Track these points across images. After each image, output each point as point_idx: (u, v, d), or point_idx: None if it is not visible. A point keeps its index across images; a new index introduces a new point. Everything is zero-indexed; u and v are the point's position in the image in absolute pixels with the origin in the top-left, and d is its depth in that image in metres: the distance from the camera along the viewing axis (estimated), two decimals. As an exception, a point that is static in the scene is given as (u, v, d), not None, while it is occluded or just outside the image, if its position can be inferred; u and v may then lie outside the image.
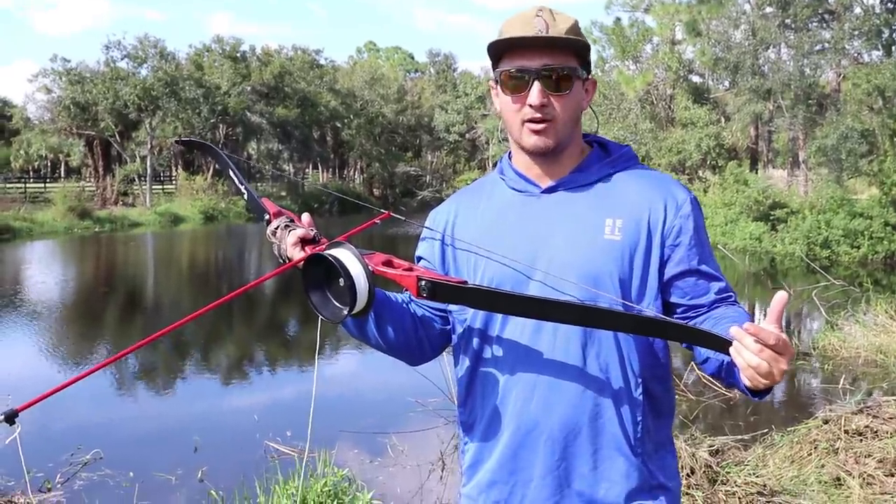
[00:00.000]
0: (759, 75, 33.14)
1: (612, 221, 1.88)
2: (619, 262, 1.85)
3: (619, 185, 1.93)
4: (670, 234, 1.88)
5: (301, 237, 1.93)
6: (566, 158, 1.95)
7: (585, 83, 1.95)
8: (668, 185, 1.94)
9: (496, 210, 2.00)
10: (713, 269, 1.91)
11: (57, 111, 47.70)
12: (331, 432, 7.39)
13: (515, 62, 1.88)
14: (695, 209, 1.92)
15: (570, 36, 1.86)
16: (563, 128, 1.90)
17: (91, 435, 7.77)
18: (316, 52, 63.56)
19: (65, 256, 27.88)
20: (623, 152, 2.00)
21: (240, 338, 13.49)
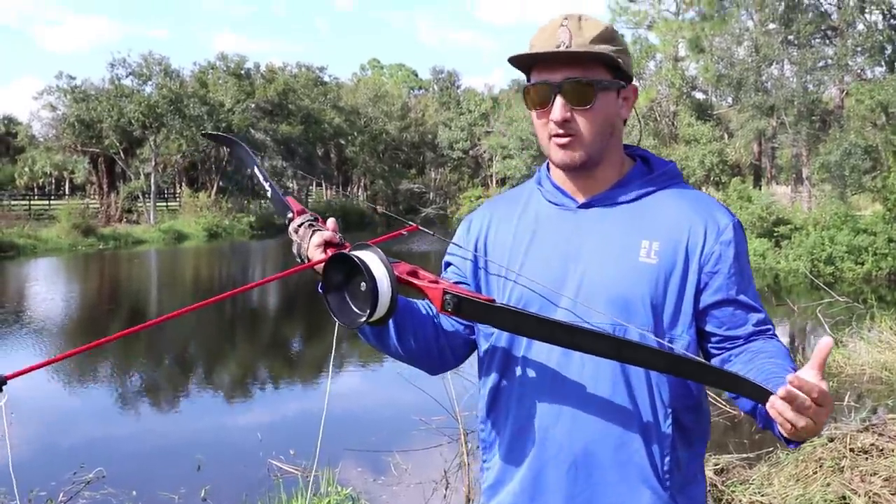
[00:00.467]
0: (762, 92, 33.22)
1: (649, 243, 1.81)
2: (653, 287, 1.78)
3: (658, 205, 1.86)
4: (709, 260, 1.80)
5: (327, 240, 1.89)
6: (603, 173, 1.89)
7: (622, 92, 1.86)
8: (710, 208, 1.86)
9: (531, 222, 1.94)
10: (752, 300, 1.84)
11: (62, 128, 47.84)
12: (334, 451, 7.37)
13: (540, 75, 1.83)
14: (737, 235, 1.84)
15: (591, 48, 1.78)
16: (590, 142, 1.82)
17: (94, 453, 7.76)
18: (320, 70, 63.77)
19: (69, 274, 27.90)
20: (666, 169, 1.93)
21: (243, 355, 13.47)
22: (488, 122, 68.66)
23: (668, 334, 1.78)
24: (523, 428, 1.86)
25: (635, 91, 1.91)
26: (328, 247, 1.89)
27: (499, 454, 1.93)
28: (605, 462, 1.78)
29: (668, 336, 1.78)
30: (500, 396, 1.92)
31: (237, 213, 49.81)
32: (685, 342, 1.79)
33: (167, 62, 49.45)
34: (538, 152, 49.49)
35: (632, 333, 1.75)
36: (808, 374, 1.48)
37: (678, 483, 1.81)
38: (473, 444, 6.35)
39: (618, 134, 1.89)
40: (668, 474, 1.79)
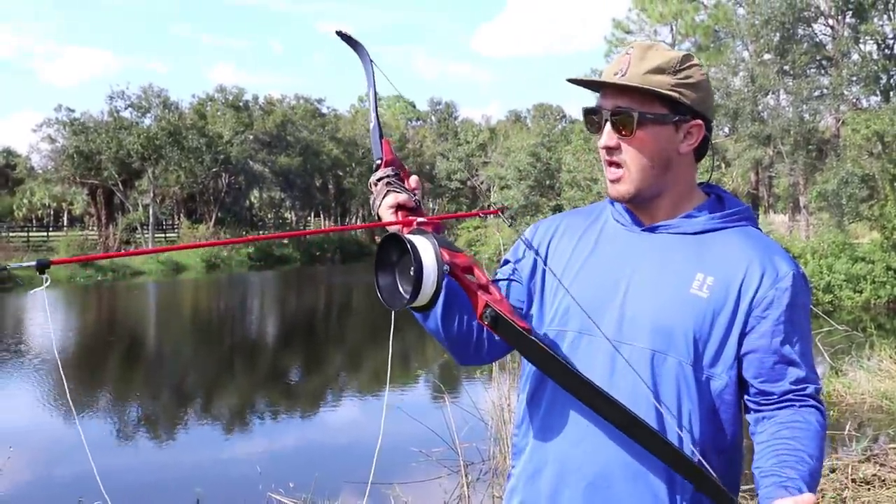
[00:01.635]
0: (758, 121, 33.33)
1: (703, 277, 1.77)
2: (699, 321, 1.74)
3: (721, 242, 1.82)
4: (760, 304, 1.75)
5: (401, 203, 1.86)
6: (665, 203, 1.87)
7: (682, 126, 1.81)
8: (772, 253, 1.80)
9: (596, 237, 1.93)
10: (796, 354, 1.76)
11: (60, 160, 47.96)
12: (335, 483, 7.34)
13: (600, 101, 1.84)
14: (797, 283, 1.77)
15: (642, 79, 1.76)
16: (638, 176, 1.81)
17: (93, 485, 7.68)
18: (318, 101, 64.07)
19: (67, 305, 27.86)
20: (739, 209, 1.88)
21: (242, 387, 13.44)
22: (486, 152, 68.84)
23: (706, 371, 1.75)
24: (547, 441, 1.85)
25: (700, 127, 1.85)
26: (400, 210, 1.86)
27: (523, 462, 1.93)
28: (621, 490, 1.75)
29: (706, 373, 1.75)
30: (533, 405, 1.91)
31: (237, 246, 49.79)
32: (723, 382, 1.76)
33: (166, 94, 49.72)
34: (535, 182, 49.62)
35: (670, 363, 1.74)
36: None
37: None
38: (473, 477, 6.33)
39: (678, 169, 1.86)
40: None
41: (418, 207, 1.88)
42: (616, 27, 39.37)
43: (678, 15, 37.22)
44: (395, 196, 1.86)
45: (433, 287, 1.64)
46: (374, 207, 1.90)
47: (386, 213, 1.87)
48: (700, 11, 37.09)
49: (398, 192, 1.88)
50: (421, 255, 1.63)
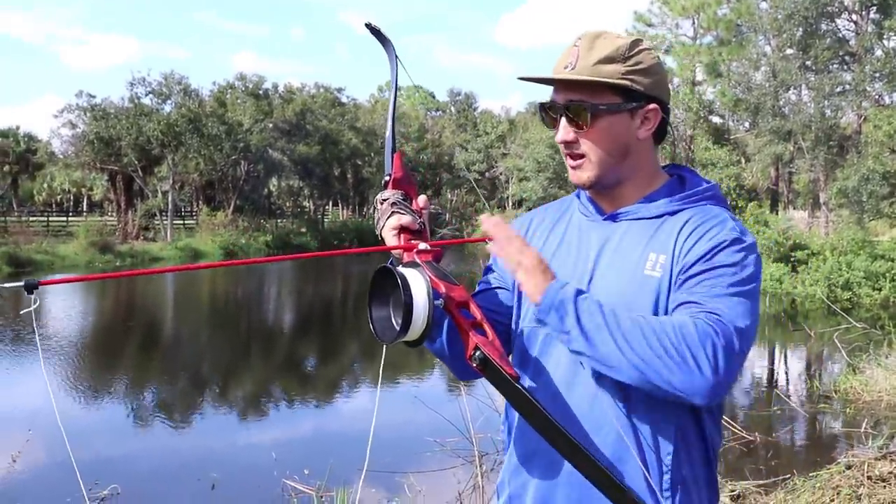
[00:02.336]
0: (779, 116, 33.17)
1: (655, 256, 1.76)
2: (656, 300, 1.73)
3: (677, 222, 1.79)
4: (686, 269, 1.71)
5: (403, 225, 1.84)
6: (628, 191, 1.87)
7: (637, 113, 1.82)
8: (717, 223, 1.76)
9: (563, 230, 1.95)
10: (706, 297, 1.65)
11: (81, 146, 48.10)
12: (349, 471, 7.36)
13: (552, 95, 1.84)
14: (731, 245, 1.70)
15: (593, 70, 1.76)
16: (599, 163, 1.81)
17: (109, 470, 7.77)
18: (338, 90, 64.04)
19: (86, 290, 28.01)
20: (698, 189, 1.86)
21: (258, 374, 13.49)
22: (505, 144, 68.71)
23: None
24: (524, 436, 1.86)
25: (657, 111, 1.84)
26: (403, 232, 1.85)
27: (506, 458, 1.96)
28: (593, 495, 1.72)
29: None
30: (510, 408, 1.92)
31: (254, 231, 49.94)
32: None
33: (186, 82, 49.77)
34: (554, 174, 49.53)
35: None
36: None
37: (680, 501, 1.74)
38: (488, 467, 6.34)
39: (637, 155, 1.85)
40: (668, 492, 1.73)
41: (423, 230, 1.86)
42: (637, 20, 39.25)
43: (700, 8, 37.04)
44: (398, 218, 1.85)
45: (423, 324, 1.64)
46: (378, 228, 1.89)
47: (388, 236, 1.86)
48: (722, 5, 36.91)
49: (402, 213, 1.86)
50: (412, 291, 1.63)
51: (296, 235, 52.97)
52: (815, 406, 10.60)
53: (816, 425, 9.94)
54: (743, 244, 1.72)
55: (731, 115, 39.13)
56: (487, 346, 1.62)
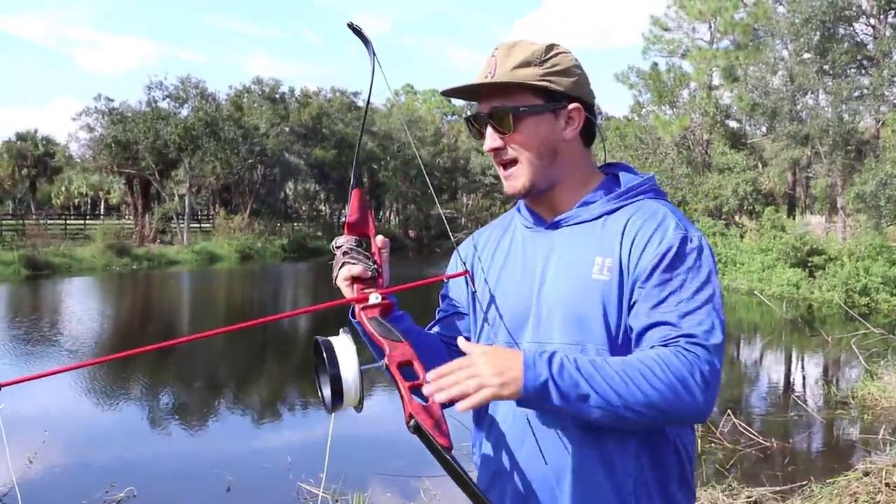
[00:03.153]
0: (796, 121, 33.04)
1: (602, 260, 1.76)
2: (605, 304, 1.73)
3: (618, 221, 1.80)
4: (641, 275, 1.72)
5: (355, 276, 1.81)
6: (564, 194, 1.88)
7: (560, 113, 1.84)
8: (661, 221, 1.77)
9: (508, 245, 1.96)
10: (675, 317, 1.66)
11: (98, 149, 48.37)
12: (364, 474, 7.37)
13: (479, 105, 1.88)
14: (681, 248, 1.71)
15: (511, 75, 1.80)
16: (530, 167, 1.83)
17: (125, 472, 7.80)
18: (354, 94, 64.18)
19: (103, 293, 28.14)
20: (633, 185, 1.87)
21: (274, 377, 13.51)
22: (521, 148, 68.67)
23: (622, 353, 1.72)
24: (495, 446, 1.88)
25: (579, 110, 1.85)
26: (356, 282, 1.82)
27: (479, 467, 1.98)
28: (565, 486, 1.76)
29: (622, 354, 1.71)
30: (481, 414, 1.95)
31: (269, 235, 50.09)
32: None
33: (203, 85, 50.00)
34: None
35: (589, 351, 1.73)
36: None
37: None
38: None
39: (566, 156, 1.87)
40: (631, 495, 1.74)
41: (377, 276, 1.83)
42: (654, 24, 39.09)
43: (717, 12, 36.89)
44: (348, 268, 1.82)
45: (357, 393, 1.63)
46: (333, 277, 1.86)
47: (342, 286, 1.84)
48: (739, 9, 36.75)
49: (353, 263, 1.82)
50: (340, 366, 1.63)
51: (311, 239, 53.08)
52: (833, 412, 10.54)
53: (833, 431, 9.88)
54: (691, 243, 1.74)
55: (747, 120, 38.93)
56: (421, 414, 1.60)
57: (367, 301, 1.77)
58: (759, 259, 28.48)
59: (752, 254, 29.10)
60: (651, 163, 36.70)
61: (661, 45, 39.04)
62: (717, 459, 7.96)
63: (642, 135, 38.27)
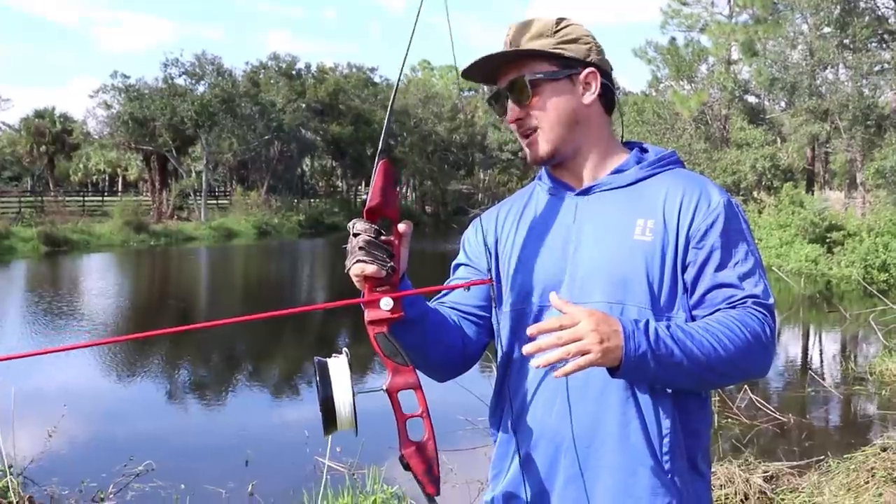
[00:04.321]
0: (816, 96, 32.79)
1: (644, 222, 1.80)
2: (649, 265, 1.77)
3: (654, 186, 1.85)
4: (696, 235, 1.78)
5: (368, 275, 1.67)
6: (588, 159, 1.90)
7: (576, 78, 1.86)
8: (703, 185, 1.84)
9: (534, 213, 1.95)
10: (735, 277, 1.76)
11: (116, 126, 48.52)
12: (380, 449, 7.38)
13: (497, 84, 1.91)
14: (728, 210, 1.80)
15: (516, 48, 1.85)
16: (552, 133, 1.86)
17: (143, 446, 7.84)
18: (371, 70, 64.08)
19: (121, 269, 28.28)
20: (664, 155, 1.92)
21: (290, 352, 13.56)
22: (538, 123, 68.45)
23: (665, 313, 1.77)
24: (522, 413, 1.86)
25: (595, 74, 1.87)
26: (368, 282, 1.68)
27: (502, 439, 1.95)
28: (601, 445, 1.77)
29: (665, 315, 1.76)
30: (505, 382, 1.92)
31: (286, 211, 50.18)
32: (682, 320, 1.76)
33: (220, 62, 49.99)
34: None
35: (629, 312, 1.74)
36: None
37: (680, 468, 1.78)
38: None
39: (587, 122, 1.89)
40: (667, 455, 1.76)
41: (392, 274, 1.68)
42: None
43: (736, -14, 36.56)
44: (361, 267, 1.66)
45: (350, 417, 1.61)
46: (346, 266, 1.71)
47: (353, 279, 1.72)
48: (759, -17, 36.39)
49: (366, 261, 1.66)
50: (333, 392, 1.61)
51: (328, 215, 53.15)
52: (850, 388, 10.50)
53: (851, 407, 9.85)
54: (733, 204, 1.84)
55: (766, 95, 38.62)
56: (413, 458, 1.61)
57: (377, 304, 1.67)
58: (777, 235, 28.35)
59: (771, 229, 28.95)
60: (669, 138, 36.52)
61: (679, 20, 38.78)
62: (733, 434, 7.95)
63: (660, 110, 38.05)
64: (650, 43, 39.29)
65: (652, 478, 1.75)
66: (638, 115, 38.97)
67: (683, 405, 1.79)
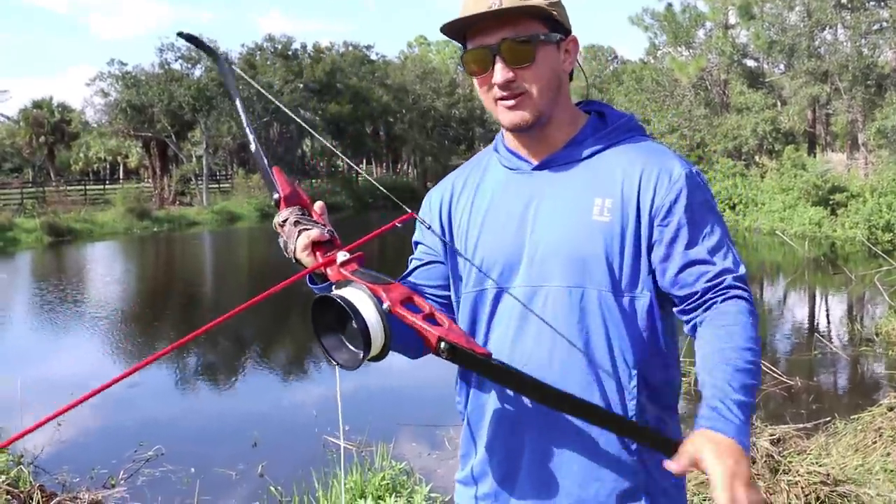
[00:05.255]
0: (815, 57, 32.64)
1: (602, 201, 1.75)
2: (608, 245, 1.72)
3: (611, 161, 1.79)
4: (659, 212, 1.73)
5: (314, 240, 1.78)
6: (554, 131, 1.82)
7: (562, 45, 1.79)
8: (663, 158, 1.78)
9: (489, 189, 1.89)
10: (706, 252, 1.71)
11: (114, 114, 48.39)
12: (388, 425, 7.42)
13: (476, 40, 1.77)
14: (691, 183, 1.74)
15: (522, 2, 1.70)
16: (539, 99, 1.76)
17: (153, 431, 7.88)
18: (367, 48, 63.82)
19: (126, 256, 28.32)
20: (621, 123, 1.85)
21: (297, 333, 13.58)
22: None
23: (627, 294, 1.74)
24: (486, 396, 1.85)
25: (575, 43, 1.83)
26: (317, 248, 1.78)
27: (468, 423, 1.93)
28: (565, 427, 1.74)
29: (627, 296, 1.74)
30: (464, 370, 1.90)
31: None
32: (646, 301, 1.74)
33: (215, 45, 49.76)
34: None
35: (589, 295, 1.72)
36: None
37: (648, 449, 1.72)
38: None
39: (565, 89, 1.83)
40: None
41: (333, 237, 1.80)
42: (668, -37, 38.53)
43: (732, -51, 36.33)
44: (306, 235, 1.78)
45: (382, 339, 1.58)
46: (290, 252, 1.82)
47: (303, 257, 1.79)
48: (754, -55, 36.15)
49: (308, 228, 1.79)
50: (361, 312, 1.56)
51: (330, 195, 53.10)
52: (857, 349, 10.50)
53: (858, 368, 9.86)
54: (698, 177, 1.78)
55: (765, 58, 38.43)
56: (450, 336, 1.59)
57: (335, 262, 1.72)
58: (780, 198, 28.30)
59: (773, 193, 28.91)
60: (668, 105, 36.41)
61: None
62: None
63: (659, 77, 37.88)
64: (647, 10, 39.13)
65: (617, 460, 1.74)
66: (637, 83, 38.84)
67: (650, 381, 1.76)
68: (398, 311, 1.63)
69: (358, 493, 5.21)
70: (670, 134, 34.64)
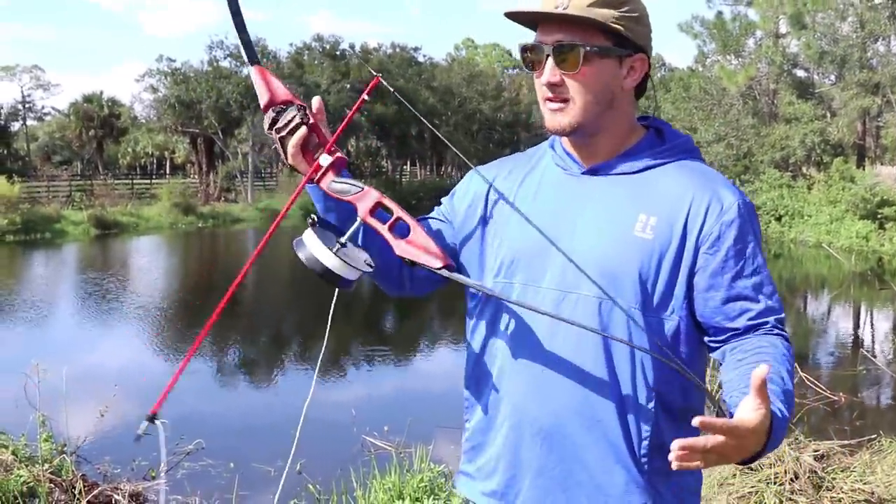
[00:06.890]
0: (867, 69, 32.23)
1: (646, 218, 1.72)
2: (645, 263, 1.70)
3: (662, 179, 1.76)
4: (707, 240, 1.70)
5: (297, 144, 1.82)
6: (606, 142, 1.80)
7: (626, 61, 1.75)
8: (716, 184, 1.75)
9: (536, 183, 1.88)
10: (751, 289, 1.69)
11: (162, 109, 48.91)
12: (427, 428, 7.42)
13: (539, 36, 1.76)
14: (742, 215, 1.71)
15: (586, 11, 1.68)
16: (583, 110, 1.74)
17: (194, 426, 7.95)
18: (414, 50, 63.94)
19: (170, 250, 28.61)
20: (678, 142, 1.83)
21: (338, 332, 13.63)
22: (583, 101, 67.95)
23: (655, 314, 1.71)
24: (501, 392, 1.82)
25: (644, 62, 1.79)
26: (304, 151, 1.83)
27: (479, 416, 1.90)
28: (577, 438, 1.72)
29: (656, 316, 1.71)
30: (485, 355, 1.87)
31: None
32: (673, 324, 1.72)
33: (264, 43, 50.13)
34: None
35: (619, 309, 1.70)
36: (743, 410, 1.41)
37: (659, 468, 1.71)
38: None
39: (620, 105, 1.79)
40: (645, 457, 1.71)
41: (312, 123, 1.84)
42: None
43: (785, -42, 35.96)
44: (286, 141, 1.84)
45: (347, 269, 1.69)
46: (286, 159, 1.86)
47: (297, 162, 1.84)
48: (808, -46, 35.77)
49: (285, 133, 1.84)
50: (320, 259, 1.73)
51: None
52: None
53: (904, 386, 9.72)
54: (747, 207, 1.74)
55: (815, 69, 37.96)
56: (410, 251, 1.68)
57: (319, 166, 1.78)
58: (827, 211, 27.97)
59: (820, 206, 28.58)
60: (716, 114, 36.10)
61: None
62: (783, 413, 7.89)
63: (707, 86, 37.56)
64: (696, 17, 38.78)
65: (627, 477, 1.72)
66: (684, 91, 38.54)
67: (669, 404, 1.73)
68: (368, 220, 1.72)
69: (396, 494, 5.21)
70: (717, 143, 34.33)
